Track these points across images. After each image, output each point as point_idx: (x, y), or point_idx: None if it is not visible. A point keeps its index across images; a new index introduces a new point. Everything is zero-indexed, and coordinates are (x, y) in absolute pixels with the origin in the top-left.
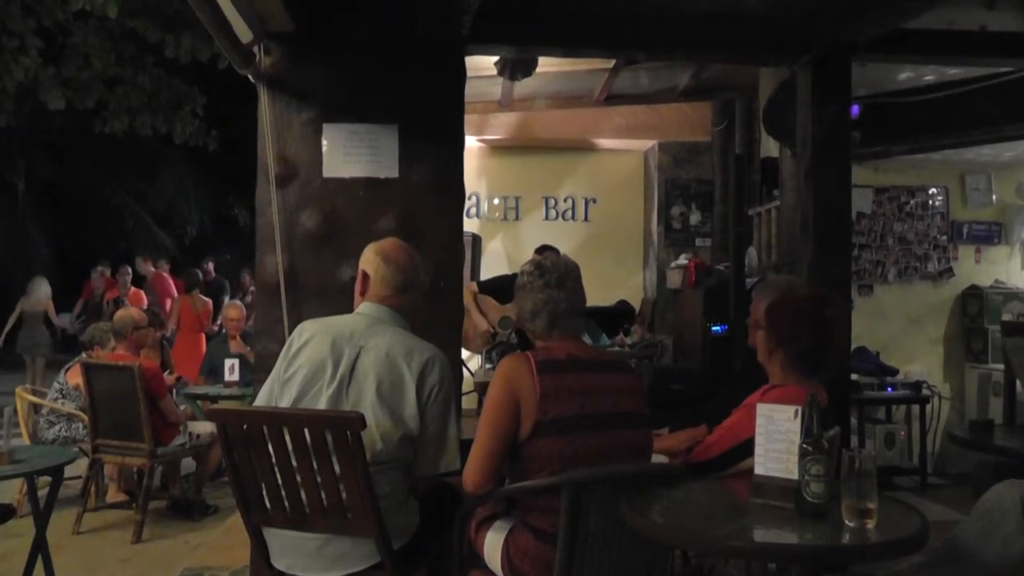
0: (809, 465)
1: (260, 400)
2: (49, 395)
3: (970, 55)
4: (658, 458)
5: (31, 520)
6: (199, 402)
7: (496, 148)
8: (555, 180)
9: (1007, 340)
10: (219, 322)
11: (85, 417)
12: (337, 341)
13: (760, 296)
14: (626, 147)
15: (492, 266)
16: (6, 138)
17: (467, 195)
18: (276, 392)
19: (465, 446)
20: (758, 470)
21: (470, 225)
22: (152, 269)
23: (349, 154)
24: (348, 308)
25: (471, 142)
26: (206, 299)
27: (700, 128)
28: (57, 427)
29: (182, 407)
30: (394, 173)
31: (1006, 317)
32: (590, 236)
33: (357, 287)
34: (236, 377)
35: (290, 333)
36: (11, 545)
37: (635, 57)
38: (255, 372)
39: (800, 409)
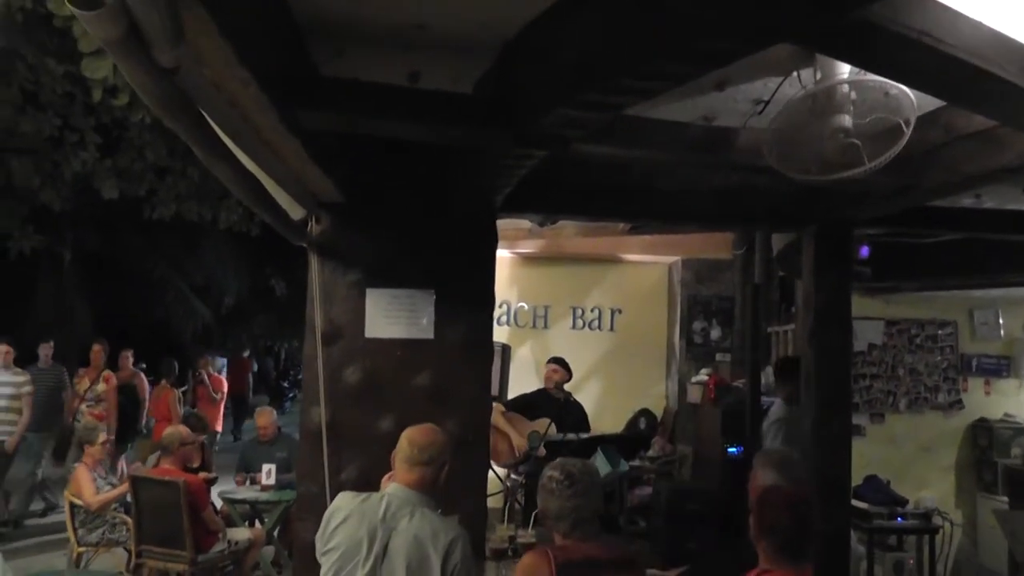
0: None
1: None
2: None
3: (964, 229)
4: None
5: None
6: (236, 507)
7: (527, 258)
8: (583, 290)
9: (999, 513)
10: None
11: (128, 520)
12: (371, 523)
13: (758, 468)
14: (651, 260)
15: (521, 374)
16: (56, 214)
17: (498, 303)
18: None
19: None
20: None
21: (500, 333)
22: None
23: (389, 316)
24: (384, 457)
25: (503, 253)
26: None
27: (723, 247)
28: (100, 531)
29: (220, 506)
30: (429, 335)
31: (1015, 451)
32: (615, 346)
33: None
34: (272, 481)
35: (329, 477)
36: None
37: (651, 224)
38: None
39: None
